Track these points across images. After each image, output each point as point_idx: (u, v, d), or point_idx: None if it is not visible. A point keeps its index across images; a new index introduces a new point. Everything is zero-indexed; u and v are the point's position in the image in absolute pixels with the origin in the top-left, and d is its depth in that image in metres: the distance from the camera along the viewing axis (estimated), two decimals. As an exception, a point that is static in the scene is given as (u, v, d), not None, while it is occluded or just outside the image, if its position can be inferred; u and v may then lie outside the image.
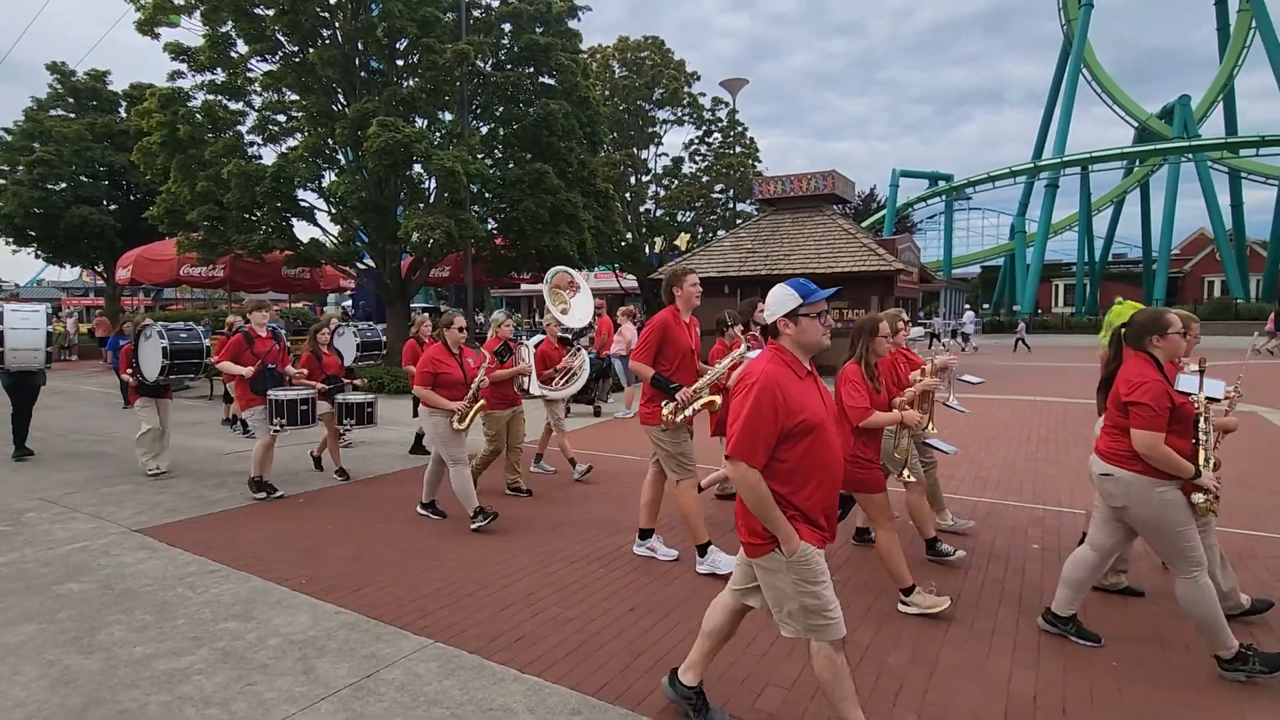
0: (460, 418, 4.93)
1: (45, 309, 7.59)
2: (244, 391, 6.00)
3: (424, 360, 5.02)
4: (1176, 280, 45.79)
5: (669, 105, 26.95)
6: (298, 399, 6.02)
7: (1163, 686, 2.91)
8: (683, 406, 4.00)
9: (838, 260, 15.29)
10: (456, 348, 5.20)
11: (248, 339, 6.02)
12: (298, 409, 6.01)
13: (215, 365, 6.13)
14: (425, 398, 4.93)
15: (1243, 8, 38.93)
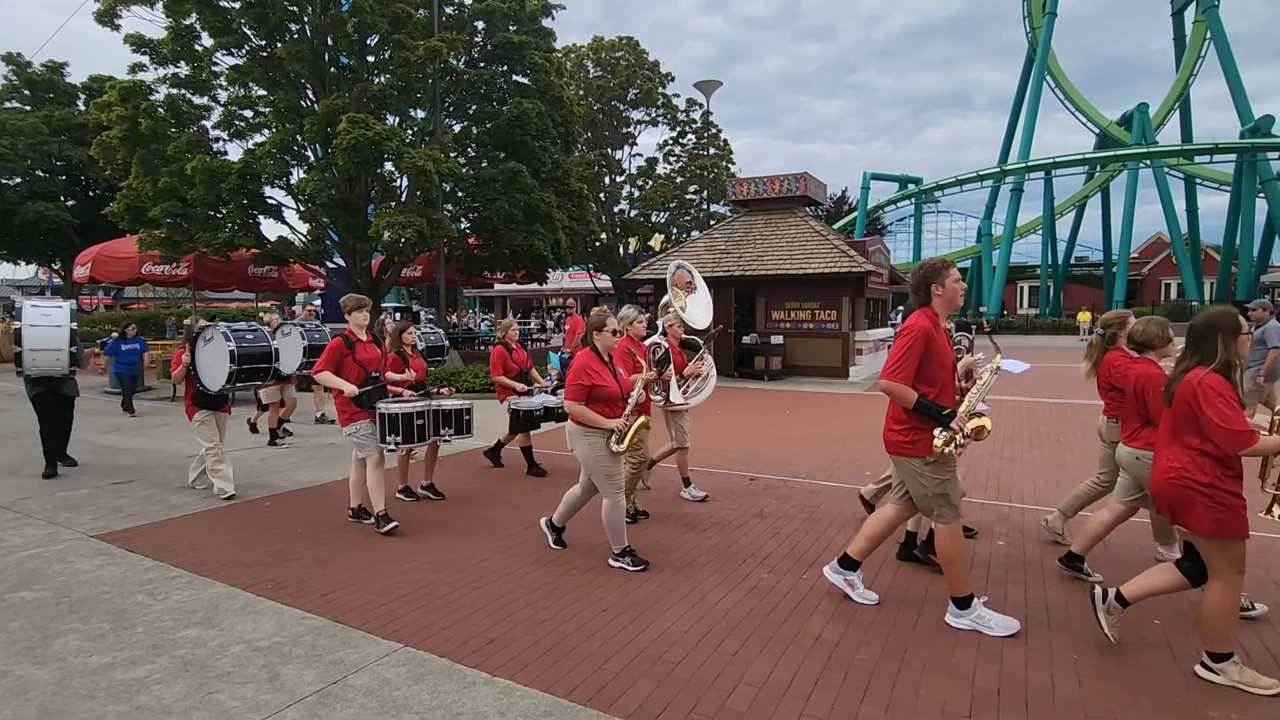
0: (619, 437, 4.17)
1: (70, 305, 6.65)
2: (345, 405, 5.08)
3: (576, 371, 4.18)
4: (1135, 282, 47.10)
5: (643, 106, 27.00)
6: (413, 412, 5.21)
7: (1121, 679, 2.99)
8: (956, 434, 3.34)
9: (810, 261, 15.44)
10: (608, 354, 4.37)
11: (348, 343, 5.13)
12: (414, 424, 5.22)
13: (313, 376, 5.16)
14: (579, 415, 4.13)
15: (1198, 19, 40.21)
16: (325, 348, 5.12)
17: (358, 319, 5.21)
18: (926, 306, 3.48)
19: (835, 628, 3.47)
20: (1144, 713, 2.74)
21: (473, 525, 5.14)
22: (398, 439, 5.14)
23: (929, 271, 3.50)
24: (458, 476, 6.67)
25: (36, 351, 6.29)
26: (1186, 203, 42.31)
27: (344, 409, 5.10)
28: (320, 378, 5.04)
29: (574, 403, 4.14)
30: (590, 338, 4.32)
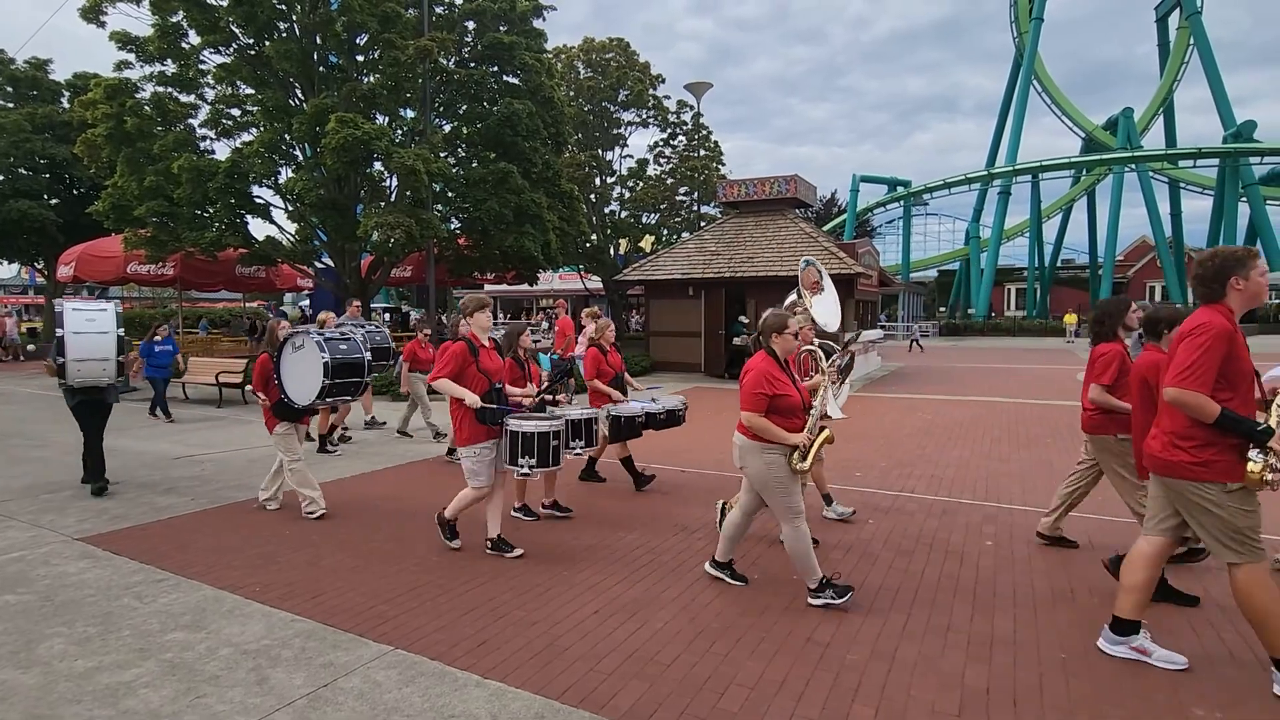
0: (803, 454, 3.69)
1: (114, 307, 6.03)
2: (465, 421, 4.41)
3: (756, 378, 3.70)
4: (1120, 285, 47.59)
5: (634, 107, 27.01)
6: (549, 431, 4.52)
7: (1107, 676, 3.02)
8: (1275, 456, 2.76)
9: (800, 263, 15.50)
10: (786, 359, 3.90)
11: (471, 349, 4.46)
12: (550, 445, 4.51)
13: (430, 383, 4.53)
14: (760, 429, 3.67)
15: (1181, 25, 40.76)
16: (447, 353, 4.44)
17: (481, 321, 4.56)
18: (1219, 302, 2.92)
19: (826, 629, 3.48)
20: (1129, 711, 2.77)
21: (459, 527, 5.13)
22: (531, 461, 4.47)
23: (1229, 261, 2.90)
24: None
25: (82, 361, 5.64)
26: (1171, 206, 42.88)
27: (464, 426, 4.41)
28: (440, 385, 4.38)
29: (754, 414, 3.67)
30: (767, 341, 3.84)
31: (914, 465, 7.01)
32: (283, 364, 5.34)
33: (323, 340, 5.24)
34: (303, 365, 5.29)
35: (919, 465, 7.03)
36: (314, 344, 5.25)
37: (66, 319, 5.65)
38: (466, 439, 4.43)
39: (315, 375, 5.20)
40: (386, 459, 7.64)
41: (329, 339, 5.31)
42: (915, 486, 6.27)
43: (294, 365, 5.31)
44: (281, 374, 5.33)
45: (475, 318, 4.55)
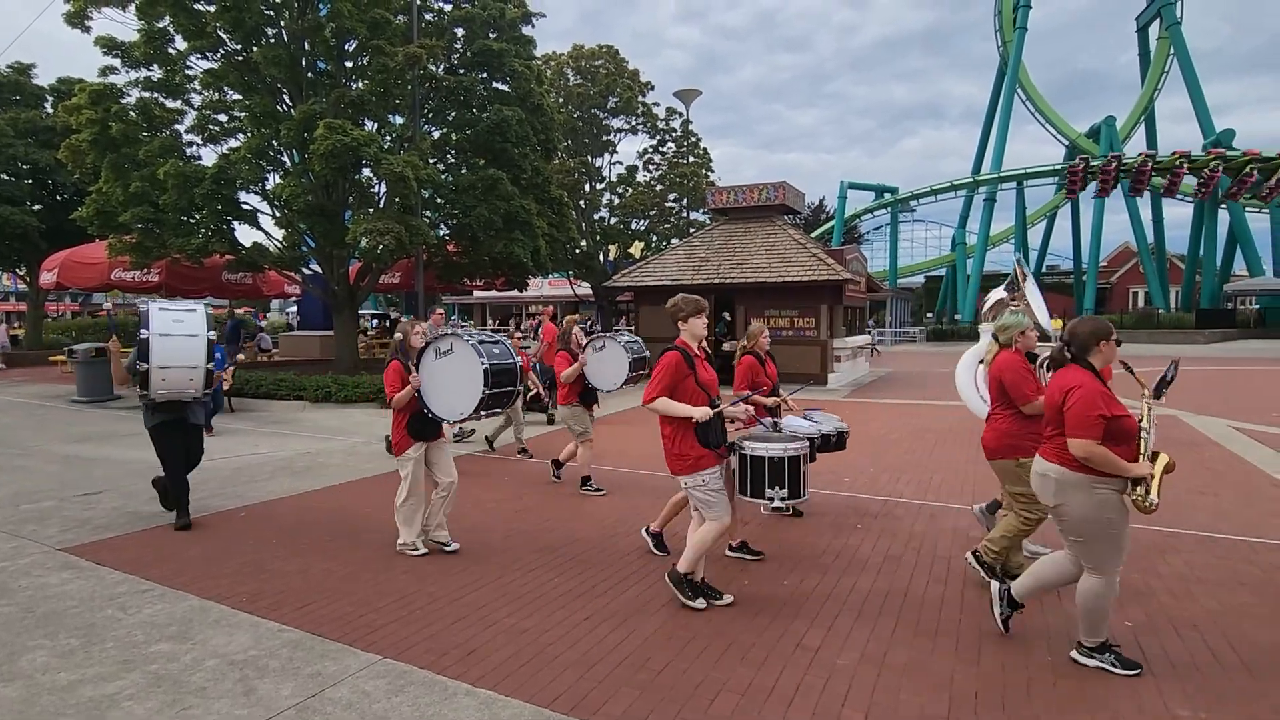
0: (1147, 488, 3.05)
1: (204, 309, 5.28)
2: (688, 445, 3.68)
3: (1089, 399, 3.05)
4: (1104, 291, 48.20)
5: (623, 114, 27.13)
6: (800, 455, 3.97)
7: (1093, 677, 3.05)
8: None
9: (788, 269, 15.58)
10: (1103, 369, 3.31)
11: (687, 360, 3.75)
12: (800, 470, 3.98)
13: (646, 405, 3.73)
14: (1099, 460, 3.02)
15: (1161, 35, 41.43)
16: (659, 365, 3.74)
17: (696, 327, 3.84)
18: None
19: (816, 633, 3.50)
20: (1115, 711, 2.79)
21: (455, 535, 5.10)
22: (783, 493, 3.87)
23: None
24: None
25: (167, 369, 4.85)
26: (1153, 213, 43.41)
27: (686, 451, 3.70)
28: (659, 405, 3.68)
29: (1090, 443, 3.01)
30: (1084, 353, 3.25)
31: (903, 470, 7.05)
32: (424, 369, 4.62)
33: (477, 343, 4.49)
34: (449, 373, 4.53)
35: (908, 470, 7.07)
36: (468, 348, 4.48)
37: (151, 319, 4.90)
38: (691, 465, 3.69)
39: (471, 384, 4.41)
40: (380, 464, 7.59)
41: (482, 341, 4.57)
42: (904, 491, 6.31)
43: (437, 374, 4.55)
44: (422, 386, 4.59)
45: (690, 323, 3.84)
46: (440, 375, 4.56)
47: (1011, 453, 4.00)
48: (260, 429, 10.44)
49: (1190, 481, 6.50)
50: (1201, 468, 7.17)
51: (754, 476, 3.94)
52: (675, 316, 3.90)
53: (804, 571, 4.37)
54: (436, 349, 4.61)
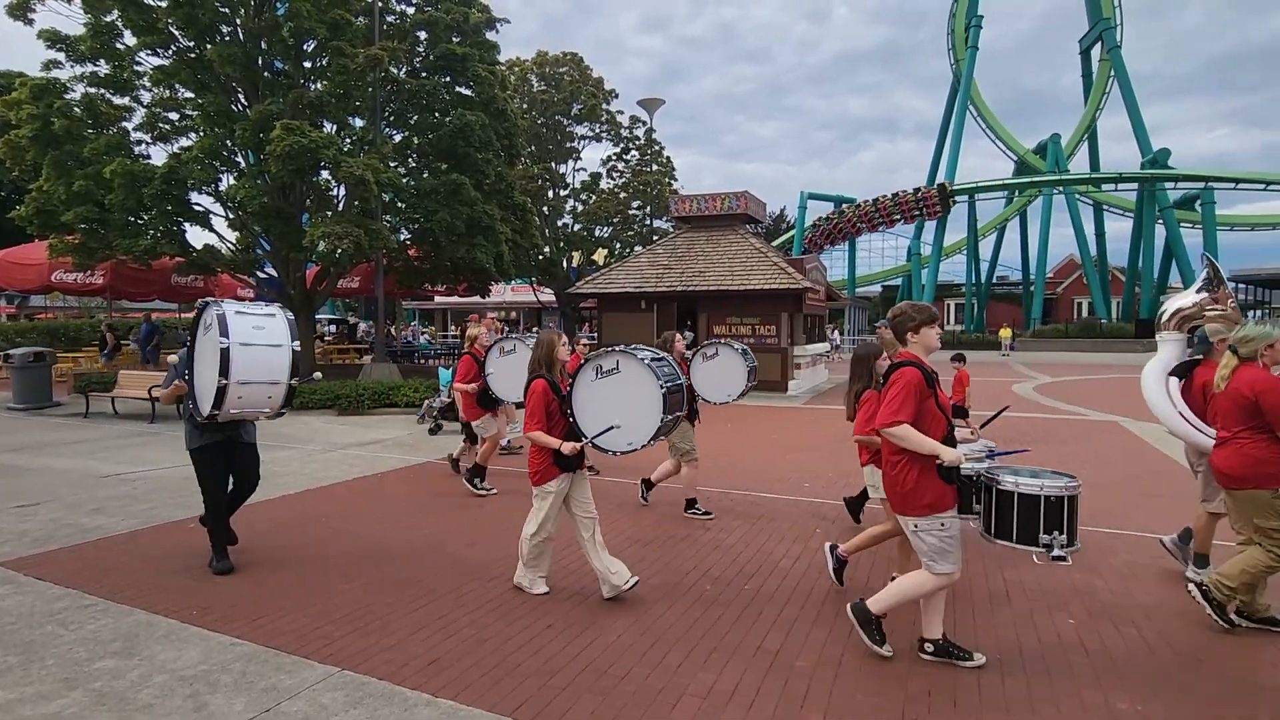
0: None
1: (284, 313, 4.47)
2: (924, 479, 3.13)
3: None
4: (1051, 301, 50.01)
5: (587, 121, 27.20)
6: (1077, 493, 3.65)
7: (1039, 676, 3.17)
8: None
9: (750, 278, 15.80)
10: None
11: (928, 379, 3.17)
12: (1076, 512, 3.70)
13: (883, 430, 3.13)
14: None
15: (1103, 58, 43.37)
16: (899, 383, 3.14)
17: (929, 339, 3.28)
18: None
19: (776, 637, 3.56)
20: (1058, 706, 2.91)
21: (411, 545, 5.03)
22: (1062, 538, 3.55)
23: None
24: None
25: (248, 385, 4.06)
26: (1095, 227, 45.30)
27: (924, 489, 3.12)
28: (901, 433, 3.06)
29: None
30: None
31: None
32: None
33: (650, 361, 3.95)
34: (611, 395, 3.97)
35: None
36: (642, 367, 3.93)
37: (230, 325, 4.04)
38: (928, 507, 3.12)
39: (647, 409, 3.89)
40: (339, 472, 7.44)
41: (654, 359, 4.02)
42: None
43: (596, 396, 3.97)
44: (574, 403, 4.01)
45: (922, 334, 3.27)
46: (599, 397, 3.94)
47: (1270, 481, 3.52)
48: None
49: (1135, 484, 6.80)
50: (1145, 471, 7.50)
51: (1023, 518, 3.38)
52: (903, 327, 3.31)
53: (764, 576, 4.44)
54: (598, 367, 3.98)
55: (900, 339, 3.36)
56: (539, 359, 4.10)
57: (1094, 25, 44.26)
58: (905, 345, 3.35)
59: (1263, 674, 3.20)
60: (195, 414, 4.25)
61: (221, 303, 4.21)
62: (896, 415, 3.08)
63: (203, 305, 4.27)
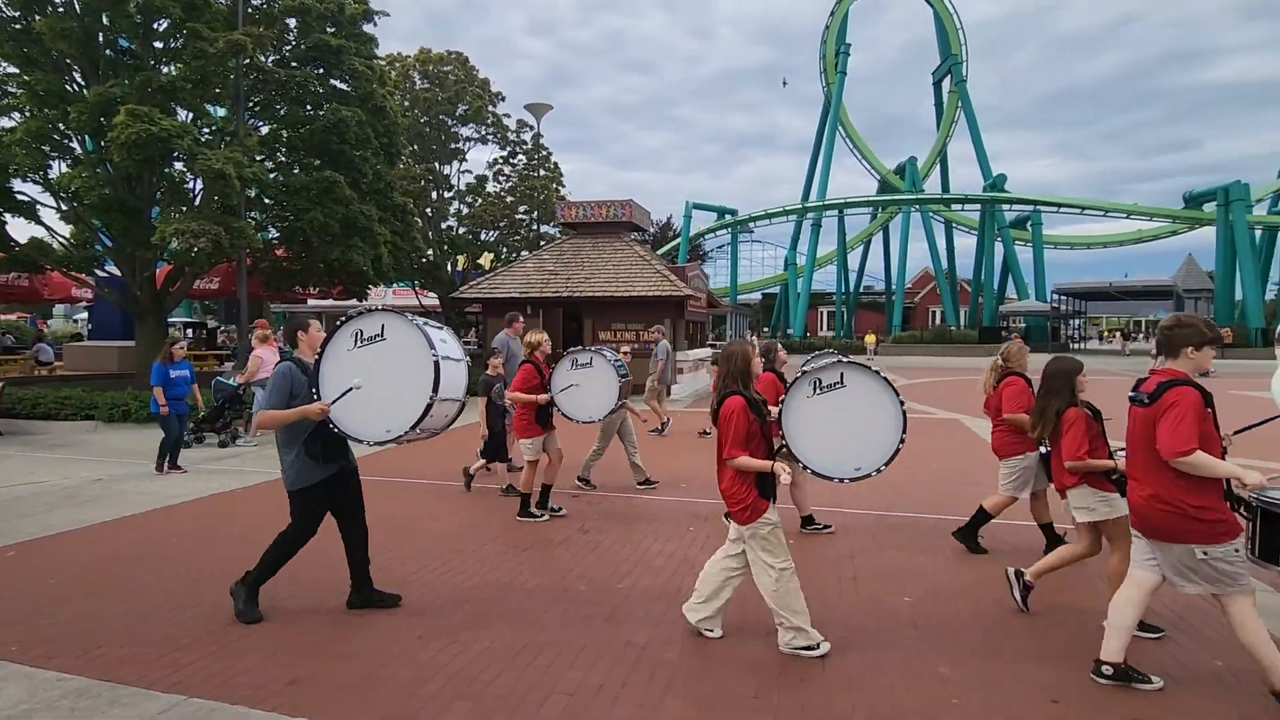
0: None
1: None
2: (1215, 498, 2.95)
3: None
4: (909, 309, 54.48)
5: (473, 123, 26.66)
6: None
7: (876, 649, 3.52)
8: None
9: (634, 285, 16.15)
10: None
11: (1206, 397, 2.99)
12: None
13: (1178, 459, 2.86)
14: None
15: (952, 90, 47.95)
16: (1184, 405, 2.89)
17: (1203, 360, 3.06)
18: None
19: (644, 630, 3.72)
20: (891, 677, 3.26)
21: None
22: None
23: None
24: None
25: (445, 402, 3.74)
26: (946, 242, 49.93)
27: (1222, 513, 2.94)
28: (1198, 461, 2.84)
29: None
30: None
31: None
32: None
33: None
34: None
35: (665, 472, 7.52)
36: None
37: (434, 340, 3.70)
38: (1226, 531, 2.93)
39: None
40: (188, 489, 6.89)
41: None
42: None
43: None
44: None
45: (1204, 353, 3.06)
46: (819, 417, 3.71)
47: None
48: (37, 453, 9.09)
49: (967, 476, 7.61)
50: (977, 464, 8.39)
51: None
52: (1186, 340, 3.04)
53: (639, 574, 4.61)
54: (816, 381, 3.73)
55: (1174, 352, 3.09)
56: (732, 373, 3.63)
57: (944, 60, 48.86)
58: (1176, 359, 3.08)
59: (1057, 640, 3.73)
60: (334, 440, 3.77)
61: (413, 320, 3.78)
62: (1191, 443, 2.86)
63: (359, 313, 3.81)
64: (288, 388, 3.78)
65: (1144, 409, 3.07)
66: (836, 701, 3.04)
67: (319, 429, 3.75)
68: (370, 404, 3.67)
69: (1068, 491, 3.89)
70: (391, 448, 5.36)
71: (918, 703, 3.03)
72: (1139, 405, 3.12)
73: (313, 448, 3.78)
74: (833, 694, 3.10)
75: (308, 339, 4.00)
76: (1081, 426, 3.79)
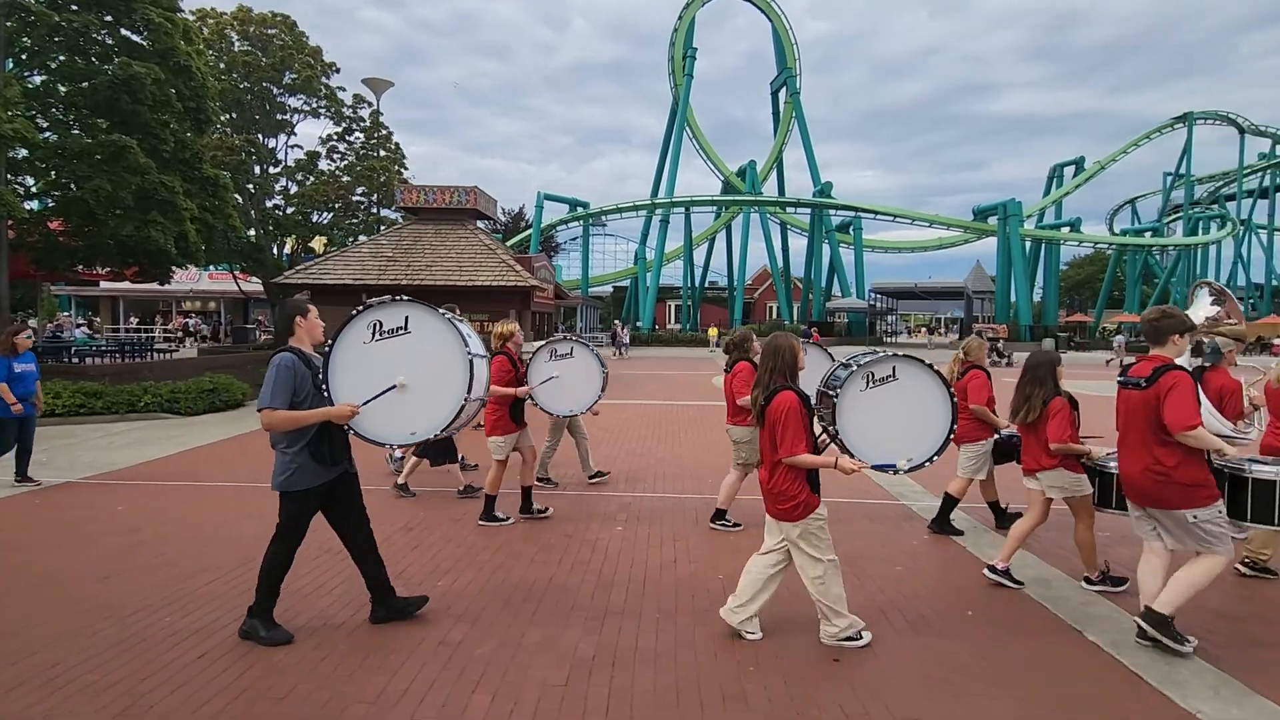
0: None
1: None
2: (1203, 470, 3.41)
3: None
4: (750, 305, 57.88)
5: (303, 94, 24.46)
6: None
7: (686, 629, 3.71)
8: None
9: (479, 274, 15.74)
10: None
11: (1195, 377, 3.52)
12: None
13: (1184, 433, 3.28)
14: None
15: (788, 101, 51.38)
16: (1185, 387, 3.31)
17: (1183, 346, 3.58)
18: None
19: (461, 628, 3.65)
20: (697, 653, 3.45)
21: (49, 574, 4.14)
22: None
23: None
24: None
25: (474, 401, 3.63)
26: (781, 243, 53.56)
27: (1203, 479, 3.39)
28: (1199, 435, 3.29)
29: None
30: None
31: (557, 465, 7.41)
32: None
33: None
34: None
35: (567, 466, 7.53)
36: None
37: (468, 335, 3.62)
38: (1208, 495, 3.38)
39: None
40: None
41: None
42: (568, 484, 6.86)
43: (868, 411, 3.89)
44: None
45: (1184, 340, 3.55)
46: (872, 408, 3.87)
47: None
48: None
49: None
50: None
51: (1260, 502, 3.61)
52: (1172, 329, 3.46)
53: (460, 570, 4.52)
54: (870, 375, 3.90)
55: (1161, 340, 3.47)
56: (779, 368, 3.56)
57: (781, 71, 52.18)
58: (1163, 346, 3.46)
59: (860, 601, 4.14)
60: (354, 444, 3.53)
61: (420, 303, 3.57)
62: (1196, 418, 3.24)
63: (378, 302, 3.55)
64: (292, 383, 3.38)
65: (1141, 391, 3.42)
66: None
67: (327, 429, 3.46)
68: (392, 404, 3.44)
69: (1042, 472, 4.25)
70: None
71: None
72: (1135, 389, 3.46)
73: (319, 449, 3.46)
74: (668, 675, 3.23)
75: (308, 326, 3.59)
76: (1066, 413, 4.15)
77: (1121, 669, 3.29)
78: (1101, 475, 4.15)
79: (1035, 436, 4.27)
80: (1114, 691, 3.10)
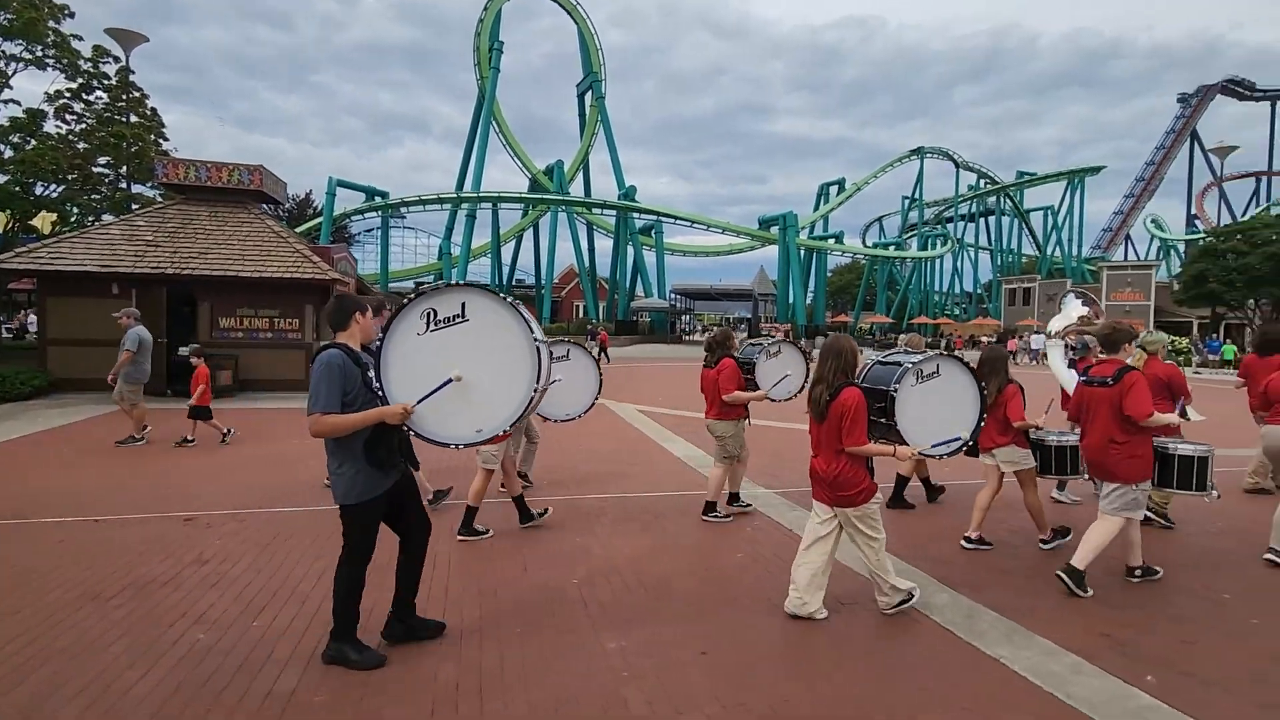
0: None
1: None
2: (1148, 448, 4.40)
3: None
4: (557, 303, 58.21)
5: (22, 39, 19.87)
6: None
7: (552, 631, 3.64)
8: None
9: (267, 265, 14.00)
10: None
11: None
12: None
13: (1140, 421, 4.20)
14: None
15: (593, 104, 52.43)
16: (1144, 383, 4.38)
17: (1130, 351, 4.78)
18: None
19: (291, 675, 3.18)
20: (565, 655, 3.40)
21: None
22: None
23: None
24: None
25: (541, 392, 3.28)
26: (588, 243, 54.58)
27: (1150, 458, 4.41)
28: (1157, 419, 4.25)
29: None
30: None
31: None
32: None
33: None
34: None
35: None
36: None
37: (534, 325, 3.27)
38: (1149, 467, 4.40)
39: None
40: None
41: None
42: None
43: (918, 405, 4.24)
44: None
45: (1131, 347, 4.65)
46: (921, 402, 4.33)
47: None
48: None
49: (618, 456, 8.37)
50: (621, 445, 9.31)
51: (1182, 474, 4.50)
52: (1123, 339, 4.46)
53: (281, 606, 3.99)
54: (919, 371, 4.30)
55: (1115, 348, 4.40)
56: (842, 367, 3.85)
57: (587, 75, 53.10)
58: (1117, 352, 4.39)
59: (712, 593, 4.33)
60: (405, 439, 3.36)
61: (478, 287, 3.27)
62: (1151, 406, 4.18)
63: (433, 289, 3.24)
64: (342, 383, 3.06)
65: (1108, 389, 4.28)
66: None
67: (382, 430, 3.15)
68: (451, 398, 3.14)
69: (997, 449, 5.07)
70: None
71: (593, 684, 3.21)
72: (1102, 386, 4.31)
73: (376, 453, 3.16)
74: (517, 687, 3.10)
75: (365, 324, 3.27)
76: (1020, 398, 5.03)
77: (933, 625, 3.83)
78: (1042, 448, 5.11)
79: (993, 418, 4.96)
80: (931, 646, 3.59)
